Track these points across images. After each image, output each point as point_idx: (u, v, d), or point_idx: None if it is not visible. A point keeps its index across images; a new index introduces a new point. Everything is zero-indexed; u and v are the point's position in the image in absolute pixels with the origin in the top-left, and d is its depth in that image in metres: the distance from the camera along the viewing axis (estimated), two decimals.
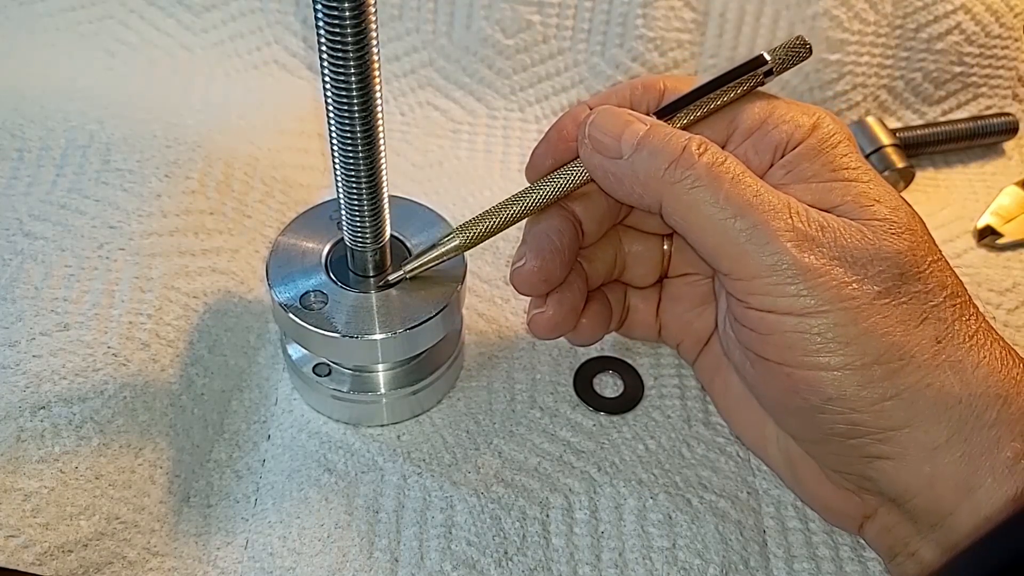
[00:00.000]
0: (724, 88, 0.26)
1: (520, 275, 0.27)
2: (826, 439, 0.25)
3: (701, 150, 0.24)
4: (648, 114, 0.27)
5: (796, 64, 0.27)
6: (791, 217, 0.23)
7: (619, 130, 0.25)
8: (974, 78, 0.45)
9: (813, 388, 0.24)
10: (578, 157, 0.27)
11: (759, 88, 0.27)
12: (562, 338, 0.34)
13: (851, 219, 0.24)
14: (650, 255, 0.31)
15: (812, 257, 0.23)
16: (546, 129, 0.29)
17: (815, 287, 0.23)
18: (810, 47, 0.27)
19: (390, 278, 0.28)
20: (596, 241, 0.29)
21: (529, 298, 0.29)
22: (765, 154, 0.26)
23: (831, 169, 0.25)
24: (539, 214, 0.28)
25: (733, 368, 0.29)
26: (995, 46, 0.45)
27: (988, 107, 0.46)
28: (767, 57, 0.26)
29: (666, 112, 0.27)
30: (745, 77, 0.26)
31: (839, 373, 0.23)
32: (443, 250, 0.28)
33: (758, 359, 0.25)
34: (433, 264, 0.28)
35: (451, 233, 0.28)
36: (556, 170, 0.28)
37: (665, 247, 0.31)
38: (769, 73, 0.26)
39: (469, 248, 0.28)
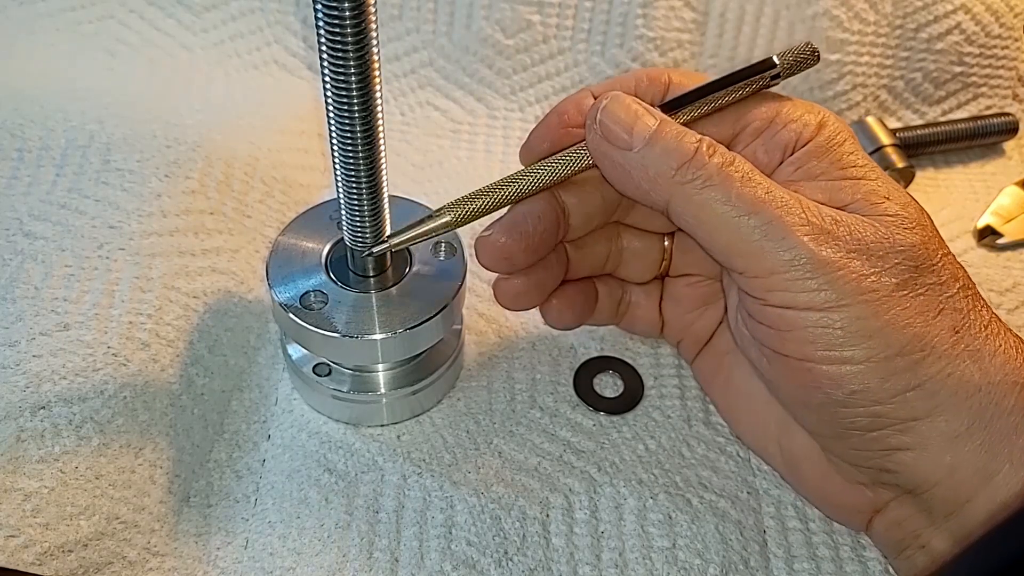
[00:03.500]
0: (730, 88, 0.26)
1: (482, 243, 0.27)
2: (846, 433, 0.25)
3: (711, 151, 0.24)
4: (652, 107, 0.27)
5: (803, 70, 0.27)
6: (804, 212, 0.23)
7: (631, 121, 0.25)
8: (974, 78, 0.45)
9: (836, 382, 0.24)
10: (578, 144, 0.27)
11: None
12: (563, 340, 0.34)
13: (863, 216, 0.24)
14: (648, 253, 0.31)
15: (829, 251, 0.23)
16: None
17: (834, 280, 0.23)
18: (818, 55, 0.27)
19: (374, 250, 0.27)
20: (586, 234, 0.29)
21: None
22: (774, 153, 0.26)
23: (839, 167, 0.25)
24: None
25: (741, 365, 0.29)
26: (995, 46, 0.45)
27: (988, 107, 0.46)
28: (776, 61, 0.26)
29: (671, 107, 0.27)
30: (753, 79, 0.26)
31: (863, 366, 0.23)
32: (432, 225, 0.27)
33: (776, 356, 0.25)
34: (421, 239, 0.27)
35: (442, 209, 0.27)
36: (554, 155, 0.27)
37: (666, 244, 0.31)
38: (776, 77, 0.26)
39: (459, 226, 0.27)
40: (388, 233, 0.27)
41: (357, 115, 0.23)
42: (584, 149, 0.27)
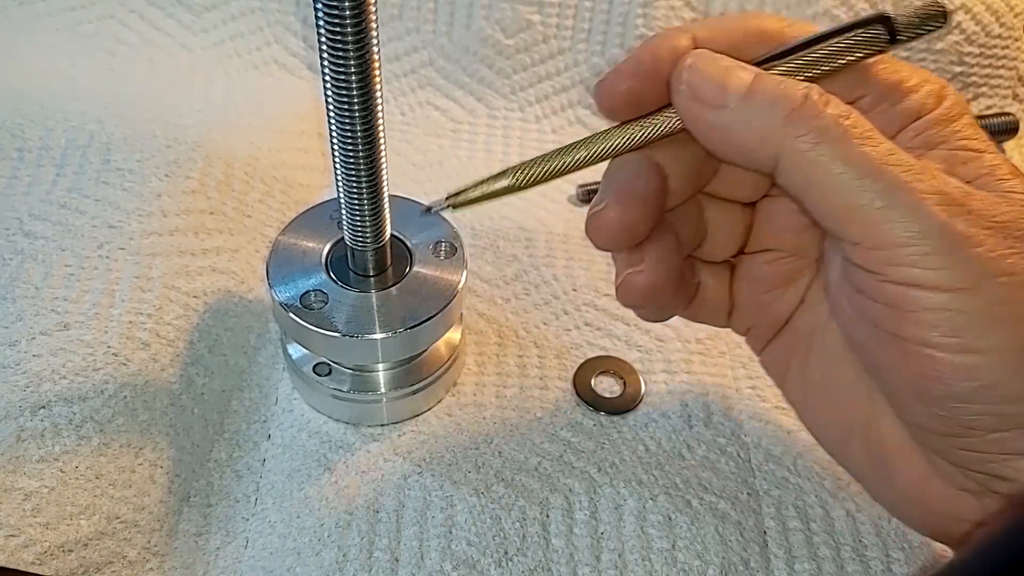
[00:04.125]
0: (835, 51, 0.23)
1: (598, 221, 0.24)
2: (964, 432, 0.22)
3: (824, 100, 0.21)
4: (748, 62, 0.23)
5: (926, 35, 0.23)
6: (934, 179, 0.21)
7: (722, 76, 0.22)
8: (974, 78, 0.45)
9: (961, 374, 0.21)
10: (667, 105, 0.23)
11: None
12: (563, 340, 0.34)
13: (990, 191, 0.22)
14: (731, 225, 0.27)
15: (963, 224, 0.20)
16: (545, 128, 0.27)
17: (969, 259, 0.20)
18: (947, 15, 0.23)
19: (432, 206, 0.24)
20: (681, 203, 0.26)
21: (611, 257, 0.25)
22: (893, 124, 0.23)
23: (960, 138, 0.23)
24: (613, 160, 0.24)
25: (822, 348, 0.25)
26: (995, 46, 0.45)
27: (988, 107, 0.46)
28: (896, 21, 0.22)
29: (764, 63, 0.23)
30: (863, 41, 0.23)
31: (993, 357, 0.20)
32: (490, 189, 0.24)
33: (891, 338, 0.22)
34: (480, 201, 0.24)
35: (504, 171, 0.24)
36: (639, 118, 0.24)
37: (747, 217, 0.27)
38: (893, 42, 0.22)
39: (520, 190, 0.24)
40: (449, 195, 0.24)
41: (357, 115, 0.23)
42: (671, 112, 0.23)
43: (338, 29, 0.21)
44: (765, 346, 0.28)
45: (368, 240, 0.27)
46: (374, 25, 0.21)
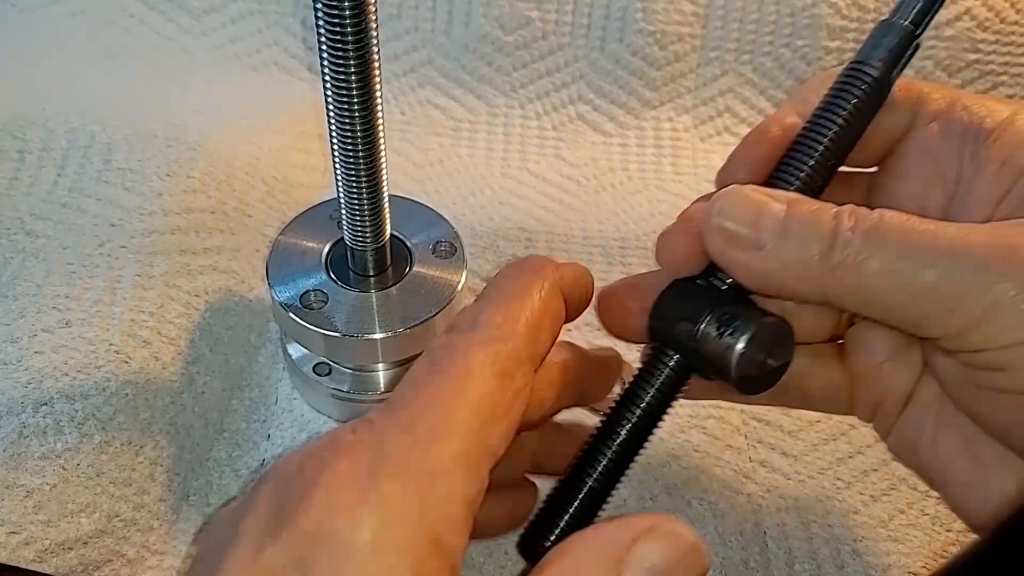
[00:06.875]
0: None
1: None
2: None
3: (852, 221, 0.19)
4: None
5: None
6: (978, 233, 0.18)
7: (754, 214, 0.20)
8: (992, 66, 0.44)
9: None
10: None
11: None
12: (562, 337, 0.34)
13: None
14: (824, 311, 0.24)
15: None
16: (546, 124, 0.27)
17: None
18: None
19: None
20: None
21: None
22: (953, 142, 0.22)
23: None
24: None
25: (956, 415, 0.22)
26: (1012, 32, 0.43)
27: (1011, 96, 0.45)
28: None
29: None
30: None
31: None
32: None
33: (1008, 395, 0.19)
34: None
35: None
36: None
37: None
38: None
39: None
40: None
41: (357, 115, 0.23)
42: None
43: (338, 29, 0.21)
44: (893, 424, 0.24)
45: (368, 240, 0.27)
46: (374, 25, 0.21)
